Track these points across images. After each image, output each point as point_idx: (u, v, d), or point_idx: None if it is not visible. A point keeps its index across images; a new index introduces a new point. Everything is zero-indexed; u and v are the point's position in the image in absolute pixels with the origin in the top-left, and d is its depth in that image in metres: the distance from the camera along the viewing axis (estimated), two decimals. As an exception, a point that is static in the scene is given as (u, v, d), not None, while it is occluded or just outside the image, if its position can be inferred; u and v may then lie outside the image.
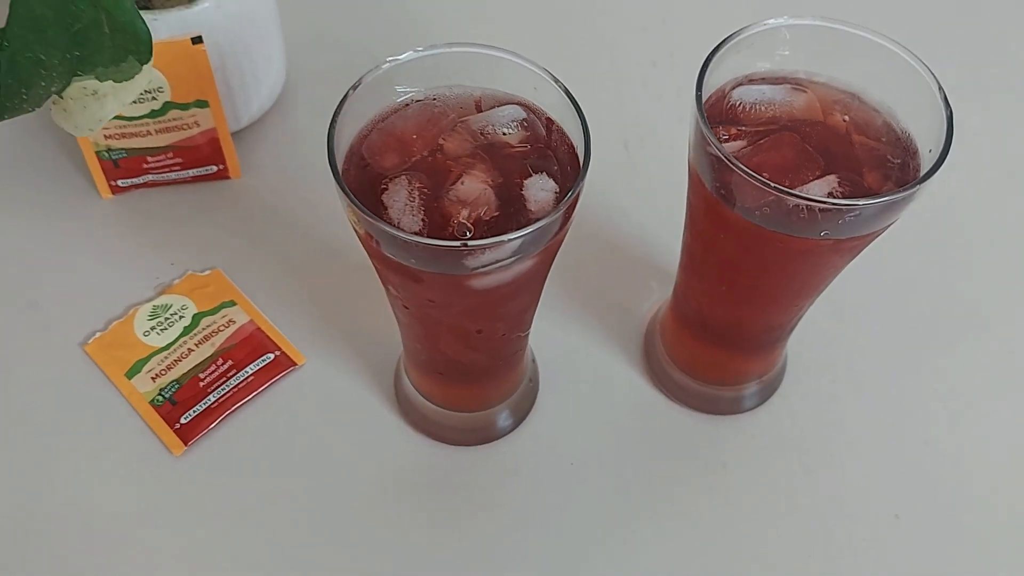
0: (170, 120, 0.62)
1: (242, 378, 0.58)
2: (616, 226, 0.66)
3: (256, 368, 0.59)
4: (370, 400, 0.59)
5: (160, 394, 0.58)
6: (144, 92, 0.60)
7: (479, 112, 0.46)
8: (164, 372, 0.58)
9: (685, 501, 0.57)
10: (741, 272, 0.50)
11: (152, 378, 0.58)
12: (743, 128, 0.47)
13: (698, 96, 0.44)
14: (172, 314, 0.60)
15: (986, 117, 0.70)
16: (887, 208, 0.43)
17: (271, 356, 0.59)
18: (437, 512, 0.56)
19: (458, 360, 0.52)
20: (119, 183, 0.65)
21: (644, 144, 0.69)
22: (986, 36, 0.78)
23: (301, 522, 0.55)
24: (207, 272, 0.62)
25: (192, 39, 0.58)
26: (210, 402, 0.57)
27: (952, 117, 0.44)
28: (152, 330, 0.60)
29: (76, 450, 0.57)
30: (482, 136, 0.45)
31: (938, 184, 0.43)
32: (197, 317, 0.60)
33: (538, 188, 0.43)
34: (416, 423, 0.57)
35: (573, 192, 0.41)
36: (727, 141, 0.46)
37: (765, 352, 0.57)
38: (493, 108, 0.46)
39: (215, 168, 0.66)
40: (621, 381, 0.60)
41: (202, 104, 0.62)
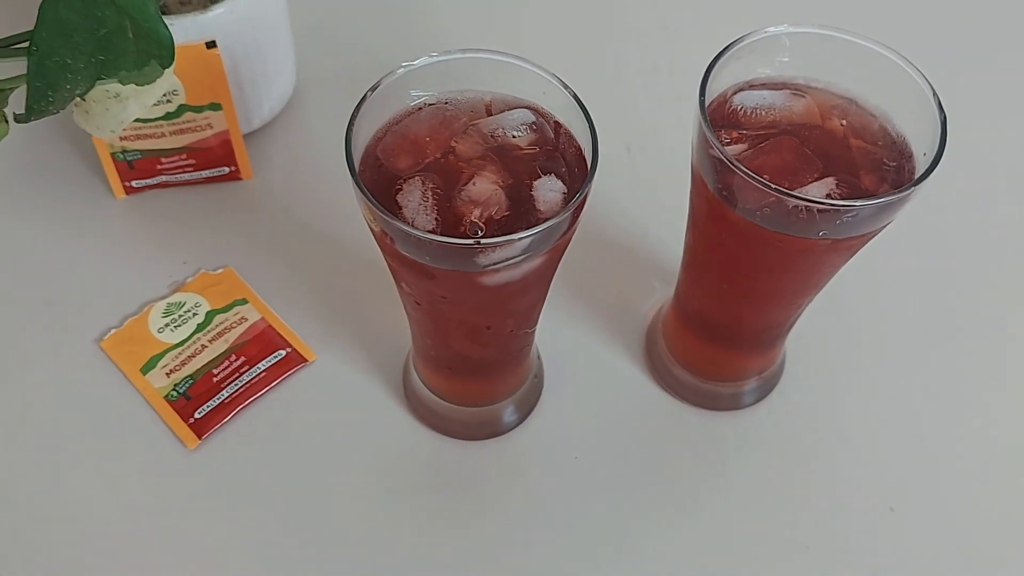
0: (184, 122, 0.63)
1: (254, 374, 0.59)
2: (619, 227, 0.67)
3: (268, 364, 0.60)
4: (379, 395, 0.60)
5: (174, 389, 0.59)
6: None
7: (490, 116, 0.47)
8: (178, 368, 0.59)
9: (685, 494, 0.57)
10: (742, 271, 0.51)
11: (166, 374, 0.59)
12: (744, 132, 0.48)
13: (701, 101, 0.45)
14: (186, 311, 0.61)
15: (979, 122, 0.71)
16: (883, 209, 0.44)
17: (282, 353, 0.60)
18: (444, 504, 0.57)
19: (467, 355, 0.53)
20: (133, 184, 0.66)
21: (646, 147, 0.70)
22: (979, 44, 0.79)
23: (312, 513, 0.56)
24: (219, 271, 0.63)
25: (206, 43, 0.59)
26: (223, 397, 0.58)
27: (946, 122, 0.45)
28: (166, 327, 0.61)
29: (93, 443, 0.58)
30: (493, 139, 0.46)
31: (932, 186, 0.44)
32: (210, 314, 0.61)
33: (547, 189, 0.44)
34: (424, 417, 0.58)
35: (581, 193, 0.42)
36: (729, 144, 0.47)
37: (764, 350, 0.58)
38: (503, 112, 0.47)
39: (227, 169, 0.67)
40: (624, 378, 0.61)
41: (215, 107, 0.63)
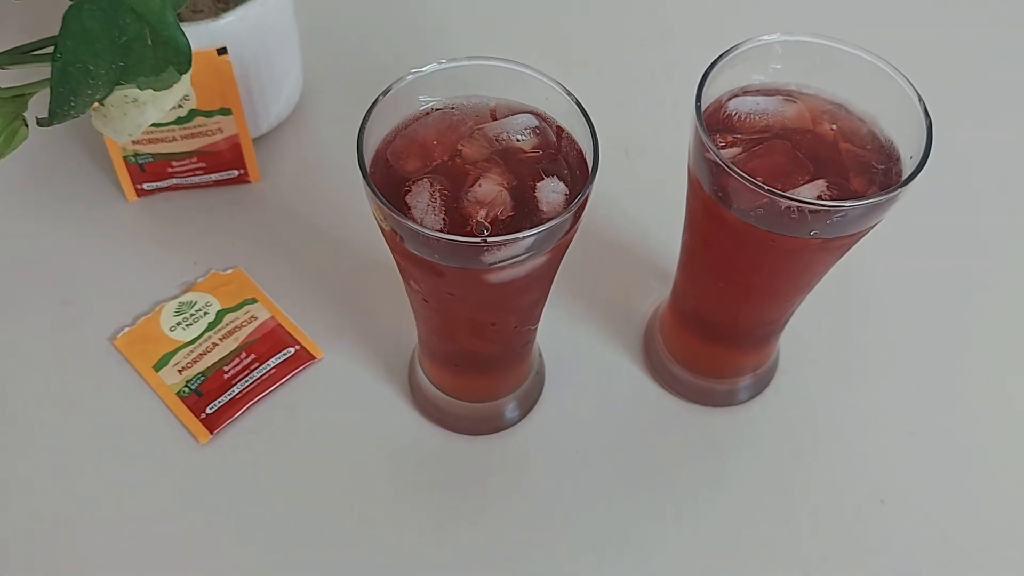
0: (195, 127, 0.64)
1: (264, 371, 0.61)
2: (617, 228, 0.68)
3: (277, 362, 0.61)
4: (385, 392, 0.61)
5: (186, 386, 0.60)
6: (172, 100, 0.63)
7: (494, 120, 0.48)
8: (190, 365, 0.61)
9: (682, 488, 0.58)
10: (737, 270, 0.52)
11: (179, 371, 0.61)
12: (739, 136, 0.49)
13: (698, 106, 0.47)
14: (197, 310, 0.63)
15: (963, 126, 0.71)
16: (871, 210, 0.45)
17: (291, 350, 0.62)
18: (448, 496, 0.58)
19: (472, 352, 0.54)
20: (144, 186, 0.67)
21: (643, 151, 0.72)
22: (963, 51, 0.80)
23: (321, 505, 0.57)
24: (229, 271, 0.65)
25: (218, 50, 0.60)
26: (234, 393, 0.60)
27: (931, 126, 0.46)
28: (178, 325, 0.62)
29: (107, 438, 0.59)
30: (497, 142, 0.47)
31: (919, 188, 0.45)
32: (221, 313, 0.63)
33: (549, 190, 0.46)
34: (429, 413, 0.60)
35: (583, 194, 0.44)
36: (724, 148, 0.48)
37: (758, 347, 0.59)
38: (508, 116, 0.48)
39: (236, 172, 0.68)
40: (622, 375, 0.62)
41: (226, 112, 0.64)
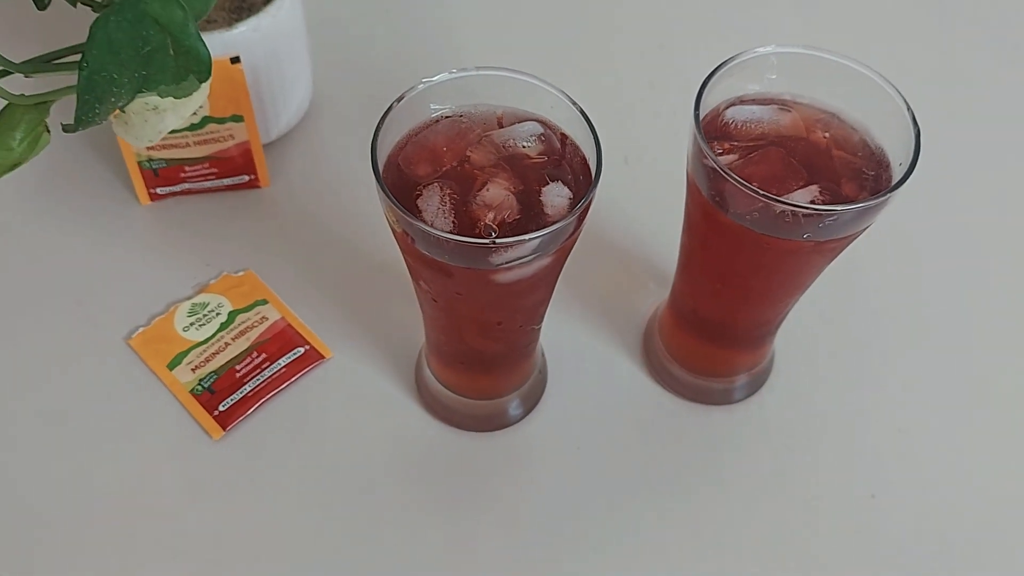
0: (208, 133, 0.66)
1: (275, 370, 0.62)
2: (617, 232, 0.69)
3: (287, 361, 0.63)
4: (392, 390, 0.62)
5: (200, 384, 0.62)
6: (187, 107, 0.64)
7: (501, 127, 0.50)
8: (203, 364, 0.62)
9: (680, 483, 0.60)
10: (733, 272, 0.54)
11: (192, 369, 0.62)
12: (735, 143, 0.50)
13: (696, 115, 0.48)
14: (209, 311, 0.64)
15: (950, 135, 0.72)
16: (861, 214, 0.47)
17: (301, 350, 0.63)
18: (453, 491, 0.59)
19: (479, 350, 0.56)
20: (157, 191, 0.69)
21: (642, 158, 0.73)
22: (950, 62, 0.82)
23: (329, 499, 0.58)
24: (241, 273, 0.66)
25: (231, 59, 0.62)
26: (246, 391, 0.61)
27: (919, 134, 0.47)
28: (191, 325, 0.64)
29: (123, 434, 0.60)
30: (504, 149, 0.49)
31: (908, 193, 0.47)
32: (232, 314, 0.64)
33: (554, 195, 0.47)
34: (435, 410, 0.61)
35: (587, 198, 0.45)
36: (722, 154, 0.50)
37: (754, 347, 0.61)
38: (514, 124, 0.50)
39: (247, 178, 0.70)
40: (622, 374, 0.63)
41: (237, 119, 0.65)
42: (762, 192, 0.46)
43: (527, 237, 0.44)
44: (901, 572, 0.57)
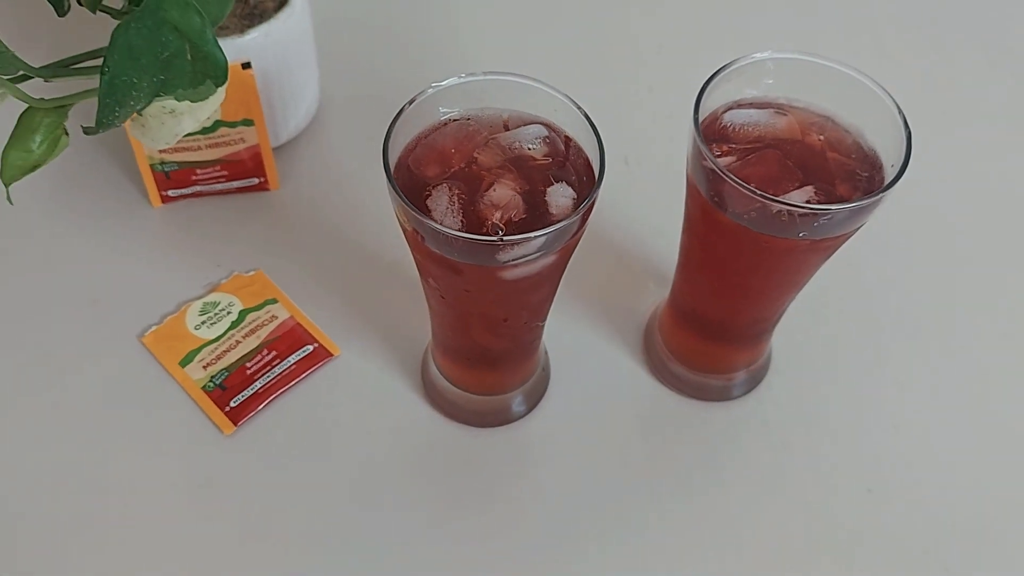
0: (219, 137, 0.67)
1: (284, 367, 0.63)
2: (618, 232, 0.70)
3: (297, 358, 0.64)
4: (398, 386, 0.63)
5: (211, 381, 0.63)
6: (199, 111, 0.66)
7: (507, 130, 0.51)
8: (214, 361, 0.64)
9: (679, 478, 0.61)
10: (731, 270, 0.55)
11: (203, 367, 0.63)
12: (734, 145, 0.51)
13: (695, 118, 0.49)
14: (220, 310, 0.66)
15: (940, 137, 0.75)
16: (855, 213, 0.48)
17: (310, 348, 0.64)
18: (458, 485, 0.60)
19: (485, 347, 0.57)
20: (169, 193, 0.70)
21: (642, 160, 0.74)
22: (941, 67, 0.83)
23: (338, 493, 0.59)
24: (251, 273, 0.67)
25: (242, 64, 0.63)
26: (256, 388, 0.62)
27: (911, 137, 0.49)
28: (202, 324, 0.65)
29: (137, 430, 0.61)
30: (510, 151, 0.50)
31: (900, 193, 0.48)
32: (243, 313, 0.66)
33: (559, 195, 0.49)
34: (440, 407, 0.62)
35: (590, 198, 0.47)
36: (720, 156, 0.51)
37: (752, 345, 0.62)
38: (520, 127, 0.51)
39: (256, 180, 0.71)
40: (623, 371, 0.64)
41: (248, 123, 0.67)
42: (759, 192, 0.47)
43: (533, 235, 0.45)
44: (897, 565, 0.58)
